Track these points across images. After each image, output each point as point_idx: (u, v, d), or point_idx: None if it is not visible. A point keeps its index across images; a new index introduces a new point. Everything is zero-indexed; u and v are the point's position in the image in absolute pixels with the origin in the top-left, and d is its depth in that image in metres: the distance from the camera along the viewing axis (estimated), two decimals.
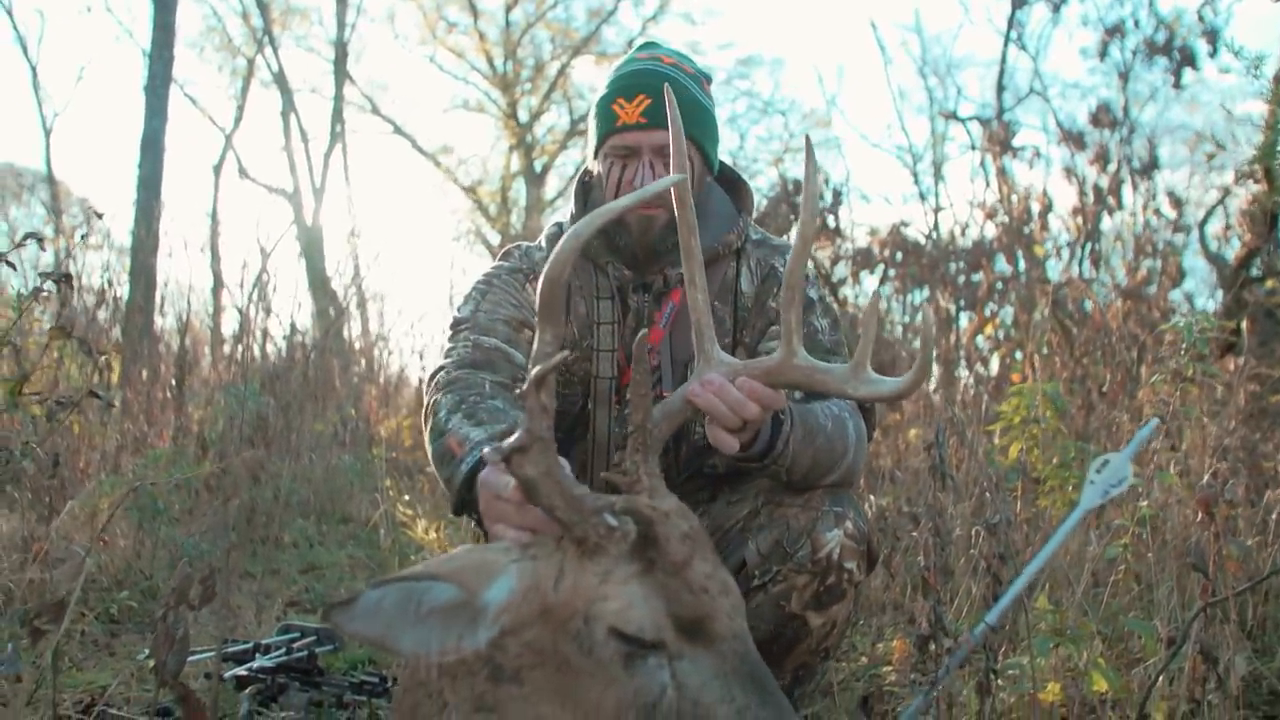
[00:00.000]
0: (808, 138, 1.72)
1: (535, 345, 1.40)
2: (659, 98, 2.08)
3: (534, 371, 1.26)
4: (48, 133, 19.10)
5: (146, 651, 2.50)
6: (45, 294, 2.09)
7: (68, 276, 1.98)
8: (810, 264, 2.29)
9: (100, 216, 2.49)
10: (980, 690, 2.25)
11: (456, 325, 2.14)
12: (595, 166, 2.22)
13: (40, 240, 1.95)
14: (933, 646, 2.43)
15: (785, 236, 6.76)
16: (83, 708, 2.36)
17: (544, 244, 2.28)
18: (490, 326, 2.11)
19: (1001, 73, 10.42)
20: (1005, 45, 10.30)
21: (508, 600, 1.27)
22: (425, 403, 2.01)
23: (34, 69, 22.71)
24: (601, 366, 2.17)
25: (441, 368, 2.05)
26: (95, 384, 2.78)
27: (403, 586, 1.24)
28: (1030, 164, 7.70)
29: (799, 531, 1.97)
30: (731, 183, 2.34)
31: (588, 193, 2.28)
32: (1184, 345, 2.70)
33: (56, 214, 16.81)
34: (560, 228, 2.29)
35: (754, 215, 2.34)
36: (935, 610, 2.39)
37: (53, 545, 2.94)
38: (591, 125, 2.23)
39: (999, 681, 2.29)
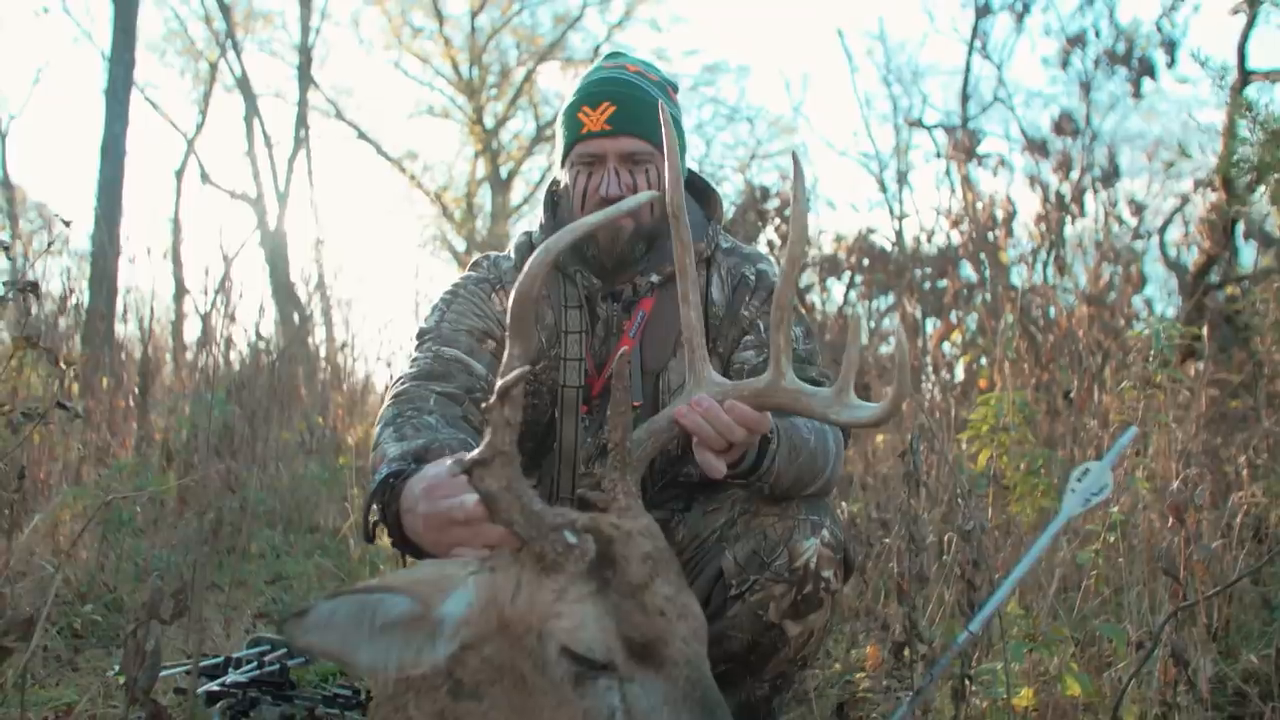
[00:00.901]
0: (795, 157, 1.74)
1: (504, 359, 1.40)
2: (623, 104, 2.10)
3: (499, 385, 1.25)
4: (3, 136, 18.77)
5: (116, 668, 2.46)
6: (6, 301, 2.05)
7: (34, 285, 1.94)
8: (771, 270, 2.30)
9: (68, 225, 2.44)
10: (955, 696, 2.27)
11: (421, 335, 2.16)
12: (563, 176, 2.22)
13: (6, 248, 1.92)
14: (908, 653, 2.45)
15: (754, 244, 6.73)
16: None
17: (513, 254, 2.28)
18: (452, 337, 2.12)
19: (966, 81, 10.54)
20: (969, 54, 10.42)
21: (466, 613, 1.26)
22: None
23: None
24: (569, 375, 2.16)
25: (399, 378, 2.06)
26: (57, 394, 2.73)
27: (355, 599, 1.23)
28: (995, 171, 7.78)
29: (776, 541, 1.97)
30: (701, 191, 2.34)
31: (557, 203, 2.28)
32: (1152, 352, 2.74)
33: (12, 219, 16.52)
34: (530, 237, 2.29)
35: (722, 223, 2.35)
36: (910, 617, 2.41)
37: (16, 559, 2.89)
38: (558, 134, 2.23)
39: (973, 687, 2.31)
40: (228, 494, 3.71)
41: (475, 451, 1.25)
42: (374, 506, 1.71)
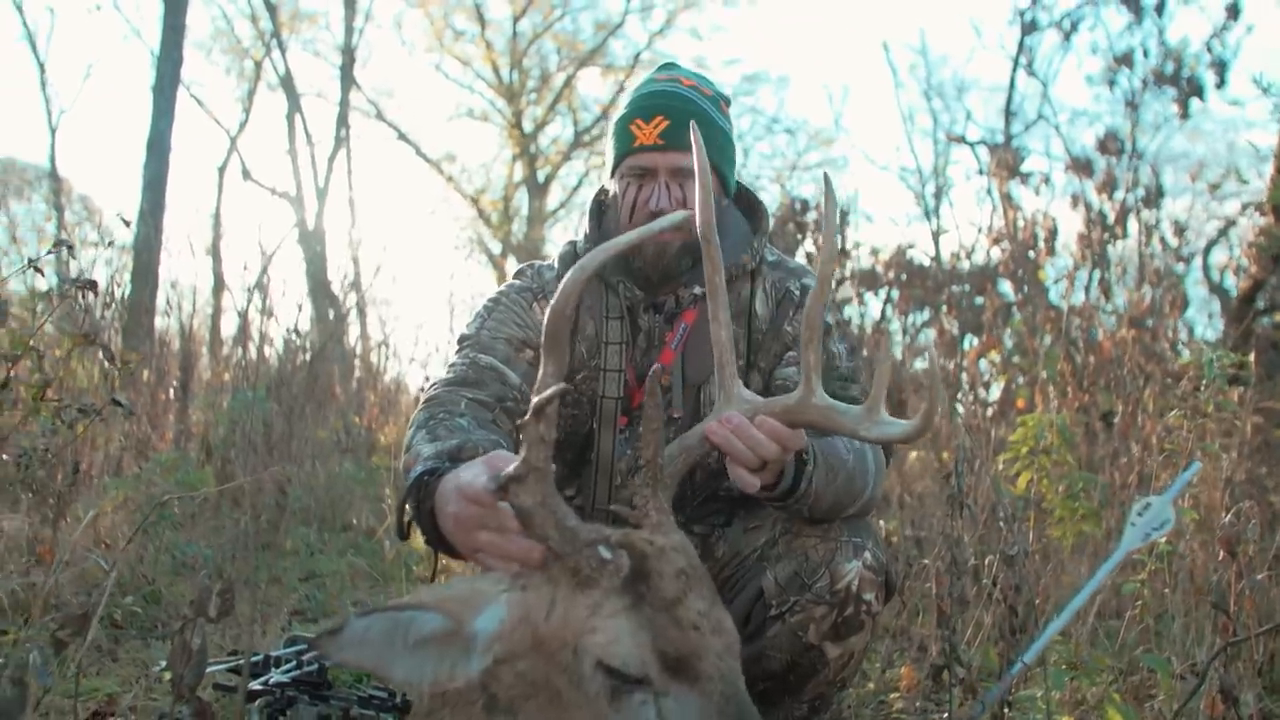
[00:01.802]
0: (826, 177, 1.73)
1: (539, 376, 1.42)
2: (676, 119, 2.09)
3: (534, 402, 1.27)
4: (53, 130, 19.09)
5: (162, 663, 2.48)
6: (67, 295, 2.09)
7: (93, 284, 1.97)
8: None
9: (128, 224, 2.48)
10: None
11: (461, 341, 2.18)
12: (612, 186, 2.22)
13: (70, 248, 1.94)
14: (946, 676, 2.43)
15: (793, 256, 6.73)
16: (90, 714, 2.35)
17: (556, 264, 2.29)
18: (490, 344, 2.13)
19: (1010, 98, 10.46)
20: (1014, 70, 10.33)
21: (498, 630, 1.28)
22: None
23: (42, 66, 22.70)
24: (608, 387, 2.16)
25: (434, 383, 2.08)
26: (103, 387, 2.77)
27: (388, 616, 1.25)
28: (1037, 190, 7.69)
29: (817, 563, 1.96)
30: (748, 204, 2.34)
31: (603, 212, 2.28)
32: (1204, 380, 2.70)
33: (58, 210, 16.80)
34: (574, 247, 2.29)
35: (768, 236, 2.33)
36: (950, 640, 2.39)
37: (58, 548, 2.92)
38: (609, 145, 2.23)
39: (1011, 713, 2.29)
40: (274, 494, 3.74)
41: (510, 467, 1.27)
42: (408, 505, 1.72)
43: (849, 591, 1.95)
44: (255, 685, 2.30)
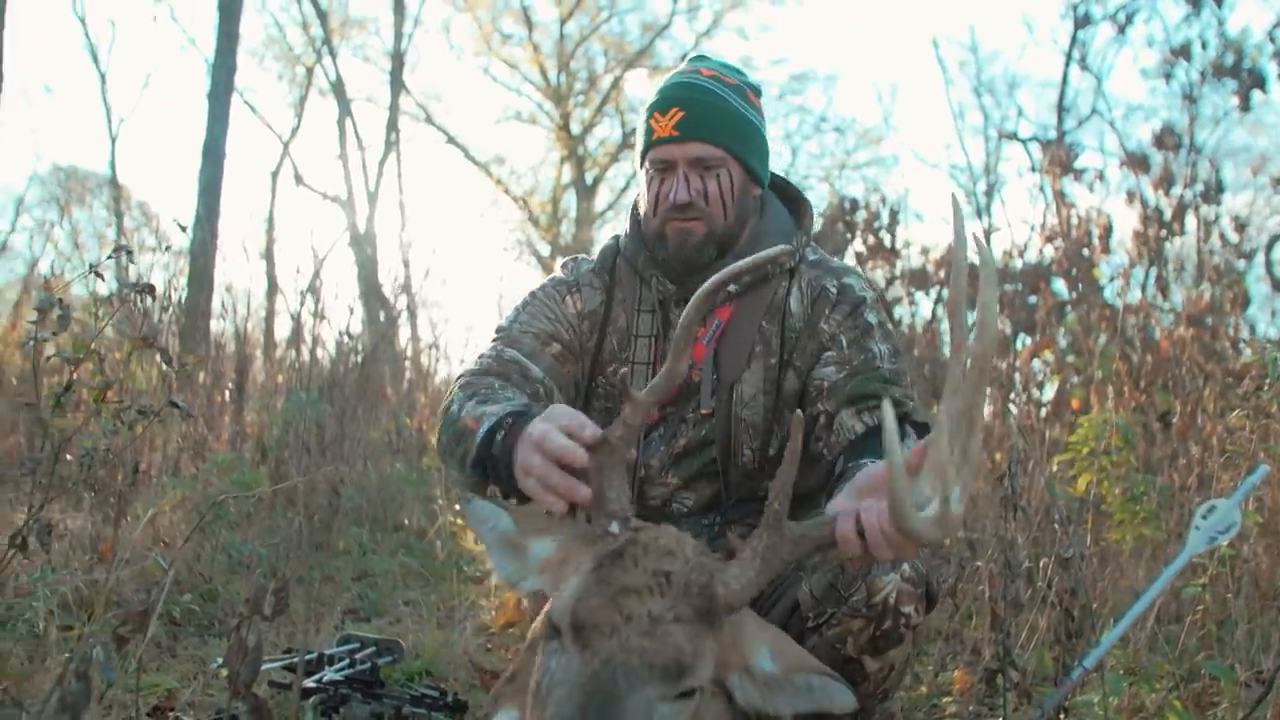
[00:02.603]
0: (955, 200, 1.57)
1: (664, 368, 1.60)
2: (691, 110, 2.08)
3: (634, 395, 1.51)
4: (113, 138, 19.57)
5: (217, 660, 2.53)
6: (126, 300, 2.13)
7: (150, 288, 2.02)
8: (870, 288, 2.25)
9: (184, 229, 2.54)
10: None
11: (496, 331, 2.22)
12: (640, 180, 2.23)
13: (129, 251, 1.99)
14: (1000, 680, 2.39)
15: (841, 257, 6.62)
16: (150, 709, 2.39)
17: (595, 257, 2.32)
18: (519, 338, 2.15)
19: (1063, 93, 10.29)
20: (1067, 65, 10.18)
21: (543, 560, 1.49)
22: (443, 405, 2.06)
23: (103, 76, 23.36)
24: (636, 379, 2.17)
25: (462, 373, 2.09)
26: (162, 389, 2.83)
27: (489, 505, 1.53)
28: (1091, 186, 7.56)
29: (853, 575, 1.88)
30: (793, 200, 2.32)
31: (638, 210, 2.29)
32: (1267, 380, 2.63)
33: (118, 216, 17.18)
34: (616, 241, 2.32)
35: (810, 233, 2.31)
36: (1004, 644, 2.35)
37: (119, 546, 2.99)
38: (638, 138, 2.24)
39: (1068, 719, 2.25)
40: (327, 494, 3.79)
41: (608, 429, 1.51)
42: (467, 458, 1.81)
43: (886, 605, 1.87)
44: (309, 683, 2.33)
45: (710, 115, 2.09)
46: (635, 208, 2.29)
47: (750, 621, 1.48)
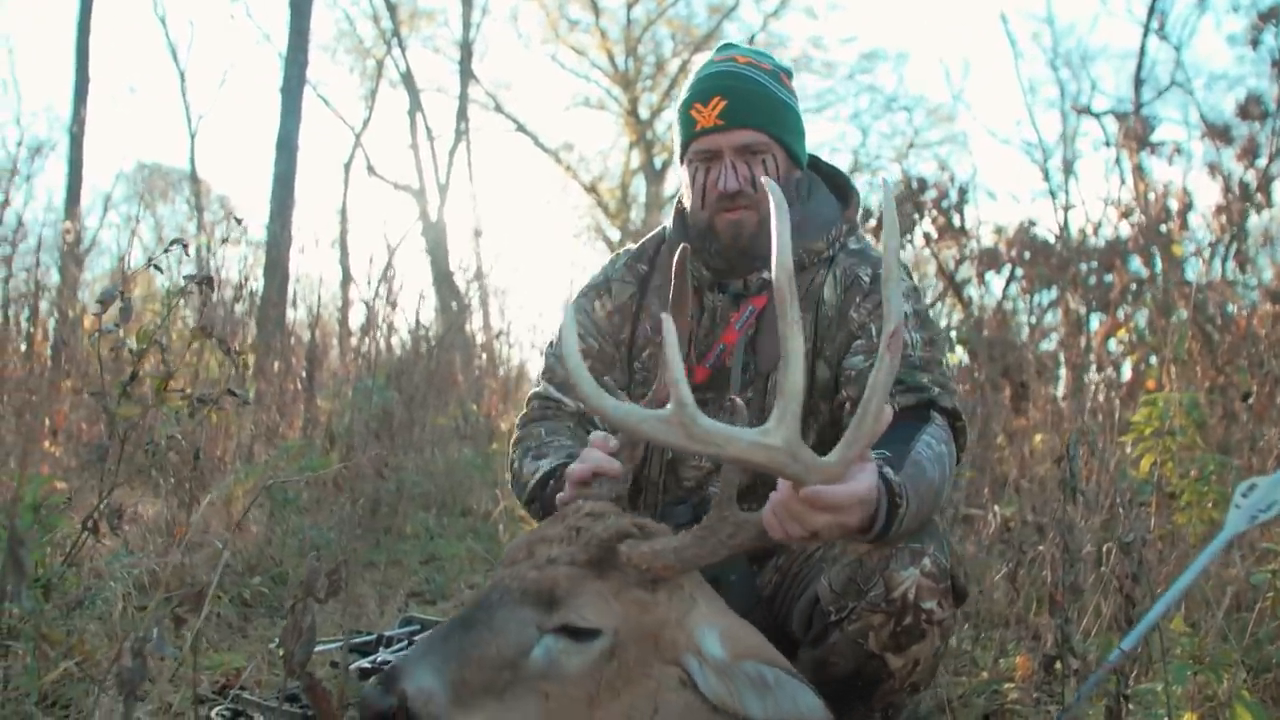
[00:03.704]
0: (885, 184, 1.60)
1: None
2: (734, 97, 2.08)
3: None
4: (192, 134, 20.14)
5: (278, 639, 2.60)
6: (189, 291, 2.20)
7: (209, 279, 2.08)
8: (908, 276, 2.20)
9: (240, 222, 2.62)
10: (1109, 715, 2.15)
11: (545, 356, 2.44)
12: (683, 174, 2.22)
13: (184, 244, 2.05)
14: (1059, 666, 2.34)
15: (909, 236, 6.45)
16: (218, 687, 2.47)
17: (633, 247, 2.38)
18: (553, 368, 2.34)
19: (1140, 64, 9.96)
20: (1145, 35, 9.85)
21: None
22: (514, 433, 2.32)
23: (182, 75, 24.02)
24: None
25: (518, 422, 2.32)
26: (232, 378, 2.92)
27: None
28: (1170, 160, 7.30)
29: (871, 569, 1.86)
30: (841, 189, 2.30)
31: (682, 205, 2.28)
32: None
33: (198, 211, 17.69)
34: (663, 231, 2.35)
35: (861, 219, 2.28)
36: (1063, 629, 2.30)
37: (193, 531, 3.09)
38: (674, 133, 2.24)
39: (1130, 707, 2.19)
40: (380, 479, 3.88)
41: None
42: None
43: (905, 600, 1.83)
44: (364, 663, 2.38)
45: (753, 101, 2.09)
46: (679, 205, 2.29)
47: (704, 604, 1.51)
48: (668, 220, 2.37)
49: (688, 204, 2.21)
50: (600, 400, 1.34)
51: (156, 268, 2.04)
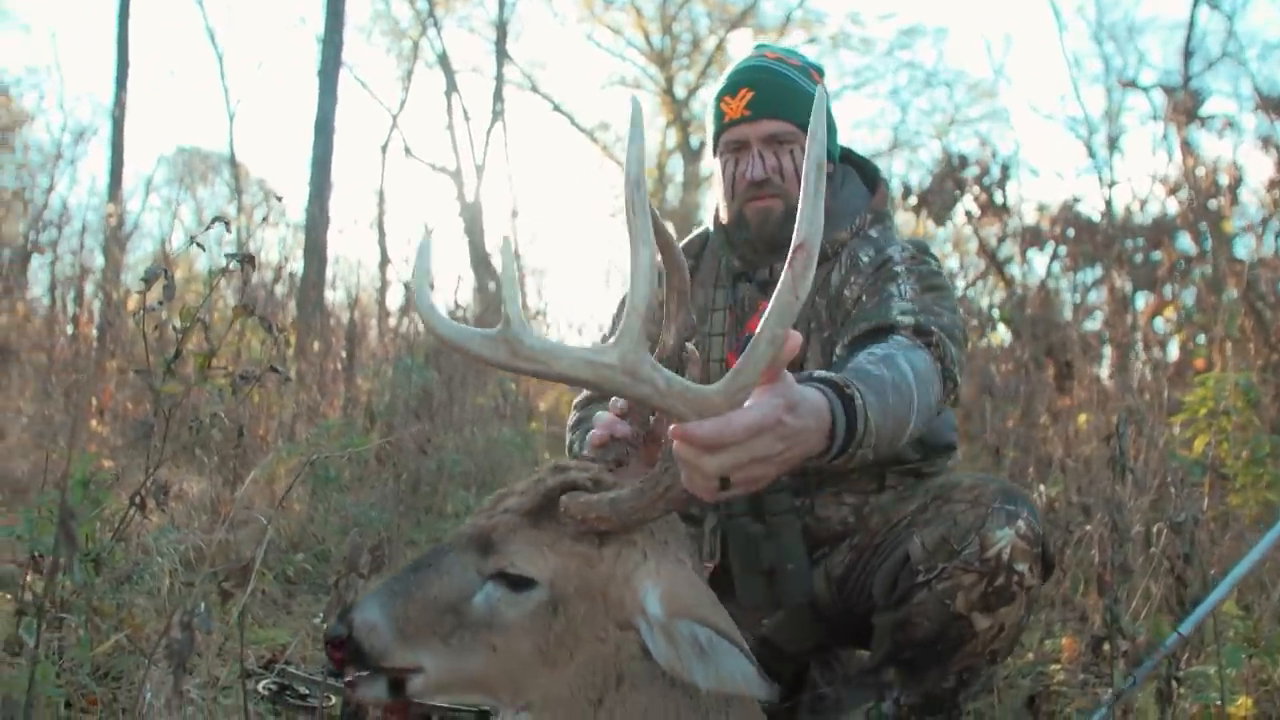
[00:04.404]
0: (634, 102, 1.40)
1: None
2: (760, 89, 2.13)
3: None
4: (231, 117, 20.33)
5: (321, 615, 2.63)
6: (231, 270, 2.21)
7: (251, 258, 2.09)
8: (910, 248, 2.15)
9: (280, 200, 2.63)
10: (1160, 698, 2.12)
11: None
12: (715, 166, 2.27)
13: (226, 223, 2.06)
14: (1108, 648, 2.31)
15: (950, 213, 6.39)
16: (264, 662, 2.50)
17: (692, 243, 2.36)
18: None
19: (1189, 35, 9.73)
20: (1195, 6, 9.60)
21: None
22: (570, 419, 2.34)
23: (220, 58, 24.27)
24: (712, 350, 2.23)
25: (574, 405, 2.36)
26: (274, 358, 2.93)
27: None
28: (1220, 134, 7.15)
29: (966, 528, 1.87)
30: (869, 178, 2.31)
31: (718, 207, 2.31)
32: None
33: (238, 194, 17.86)
34: (707, 232, 2.37)
35: (880, 213, 2.23)
36: (1112, 610, 2.26)
37: (237, 508, 3.13)
38: (707, 127, 2.28)
39: (1181, 690, 2.15)
40: (422, 455, 3.90)
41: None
42: None
43: (999, 560, 1.85)
44: None
45: (779, 93, 2.13)
46: (717, 209, 2.32)
47: (653, 563, 1.39)
48: (714, 197, 2.38)
49: (720, 196, 2.24)
50: (433, 318, 1.32)
51: (200, 246, 2.05)
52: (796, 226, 1.26)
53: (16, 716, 1.59)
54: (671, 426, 1.27)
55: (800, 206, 1.26)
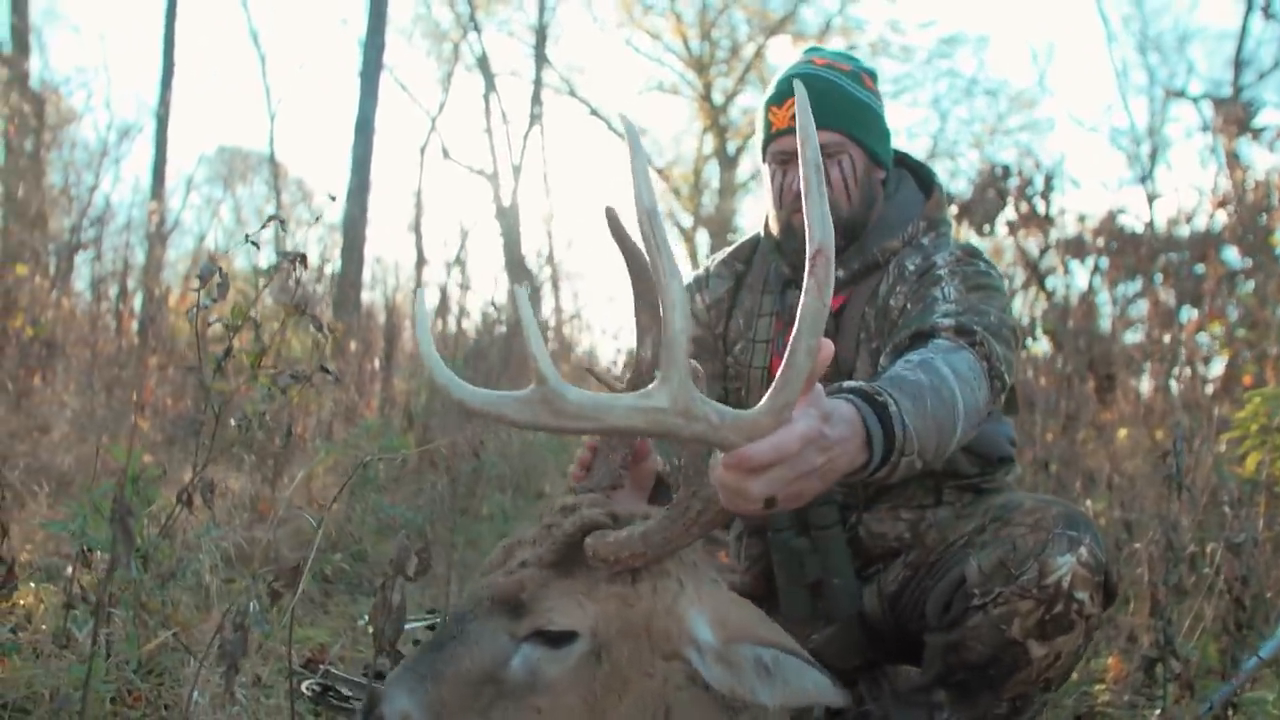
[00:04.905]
0: (626, 121, 1.37)
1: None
2: (810, 98, 2.06)
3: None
4: (272, 117, 20.55)
5: (364, 617, 2.63)
6: (281, 268, 2.22)
7: (303, 256, 2.09)
8: (958, 251, 2.11)
9: (333, 199, 2.64)
10: None
11: None
12: (764, 174, 2.24)
13: (283, 221, 2.07)
14: (1160, 670, 2.26)
15: (991, 224, 6.34)
16: (304, 662, 2.50)
17: (743, 248, 2.35)
18: None
19: (1240, 45, 9.56)
20: (1247, 14, 9.43)
21: None
22: None
23: (263, 59, 24.57)
24: (756, 356, 2.22)
25: None
26: (317, 357, 2.95)
27: None
28: (1271, 146, 7.01)
29: (1026, 553, 1.81)
30: (924, 185, 2.26)
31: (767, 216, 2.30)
32: None
33: (276, 193, 18.04)
34: (757, 238, 2.34)
35: (934, 221, 2.19)
36: (1165, 631, 2.22)
37: (282, 507, 3.14)
38: (756, 134, 2.26)
39: (1236, 716, 2.11)
40: (469, 459, 3.92)
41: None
42: None
43: (1059, 587, 1.79)
44: None
45: (826, 101, 2.06)
46: (766, 216, 2.30)
47: (691, 588, 1.38)
48: (753, 202, 2.38)
49: (769, 204, 2.22)
50: (458, 389, 1.21)
51: (254, 244, 2.06)
52: (808, 233, 1.22)
53: (69, 711, 1.60)
54: (722, 456, 1.23)
55: (805, 211, 1.23)
